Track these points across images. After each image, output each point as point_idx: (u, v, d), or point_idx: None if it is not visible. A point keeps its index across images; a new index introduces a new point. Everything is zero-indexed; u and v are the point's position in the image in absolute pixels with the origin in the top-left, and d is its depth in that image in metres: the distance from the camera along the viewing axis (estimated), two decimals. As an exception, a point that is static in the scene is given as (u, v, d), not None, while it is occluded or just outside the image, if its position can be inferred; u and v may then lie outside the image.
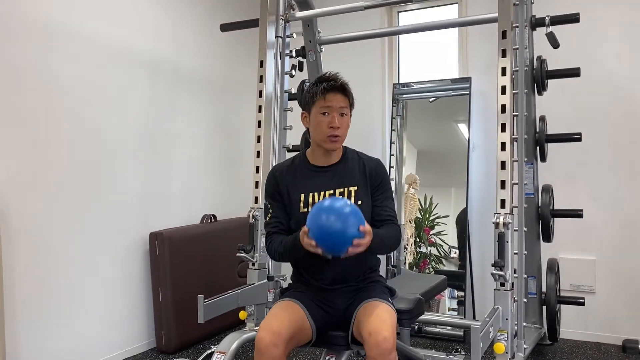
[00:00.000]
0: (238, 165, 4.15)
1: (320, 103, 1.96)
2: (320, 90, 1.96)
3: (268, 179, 2.11)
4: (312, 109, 1.99)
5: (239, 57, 4.16)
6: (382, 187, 2.07)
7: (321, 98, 1.95)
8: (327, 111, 1.95)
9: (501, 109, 2.37)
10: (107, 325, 3.13)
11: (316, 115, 1.98)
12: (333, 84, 1.97)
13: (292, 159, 2.13)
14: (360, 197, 2.01)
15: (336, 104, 1.96)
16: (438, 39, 4.01)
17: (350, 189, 2.01)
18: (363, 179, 2.03)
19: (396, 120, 3.99)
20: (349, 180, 2.02)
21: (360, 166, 2.06)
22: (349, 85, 2.02)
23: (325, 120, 1.95)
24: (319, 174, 2.04)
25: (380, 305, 1.92)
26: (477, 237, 3.65)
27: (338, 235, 1.75)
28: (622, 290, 3.32)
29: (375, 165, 2.07)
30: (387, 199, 2.06)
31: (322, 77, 2.02)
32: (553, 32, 2.65)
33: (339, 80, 1.99)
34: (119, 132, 3.21)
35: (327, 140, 1.97)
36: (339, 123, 1.95)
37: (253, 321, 2.71)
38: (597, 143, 3.33)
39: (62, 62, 2.88)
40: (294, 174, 2.06)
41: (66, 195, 2.90)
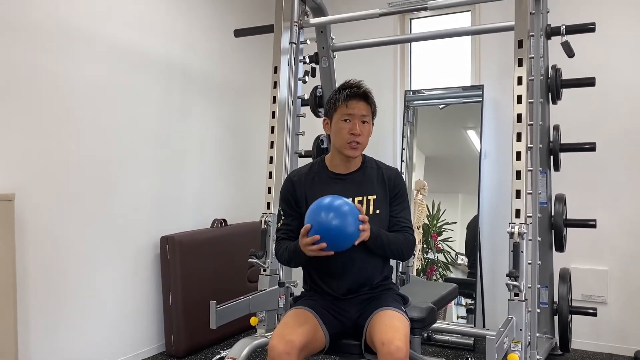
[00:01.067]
0: (250, 170, 4.15)
1: (342, 110, 1.96)
2: (342, 96, 1.96)
3: (285, 184, 2.10)
4: (334, 116, 1.99)
5: (252, 62, 4.17)
6: (400, 198, 2.06)
7: (343, 105, 1.96)
8: (348, 118, 1.96)
9: (517, 118, 2.35)
10: (117, 328, 3.14)
11: (338, 122, 1.98)
12: (356, 91, 1.97)
13: (311, 165, 2.12)
14: (378, 207, 2.00)
15: (358, 112, 1.96)
16: (450, 47, 4.01)
17: (369, 198, 2.01)
18: (382, 188, 2.03)
19: (407, 126, 3.99)
20: (367, 189, 2.02)
21: (379, 175, 2.06)
22: (372, 94, 2.03)
23: (346, 127, 1.95)
24: (338, 182, 2.03)
25: (393, 314, 1.91)
26: (487, 245, 3.64)
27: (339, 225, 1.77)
28: (634, 301, 3.29)
29: (394, 175, 2.08)
30: (404, 209, 2.06)
31: (346, 83, 2.02)
32: (568, 41, 2.64)
33: (362, 88, 1.99)
34: (132, 134, 3.23)
35: (347, 146, 1.97)
36: (360, 130, 1.95)
37: (264, 327, 2.71)
38: (610, 153, 3.31)
39: (78, 64, 2.90)
40: (312, 181, 2.05)
41: (79, 198, 2.91)
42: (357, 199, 2.00)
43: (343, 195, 1.97)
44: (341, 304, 2.01)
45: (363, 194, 2.01)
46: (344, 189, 2.00)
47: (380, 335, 1.80)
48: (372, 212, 1.99)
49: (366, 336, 1.94)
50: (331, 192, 1.97)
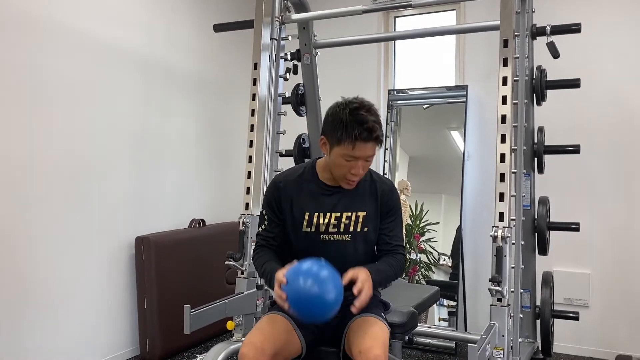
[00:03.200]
0: (229, 169, 4.07)
1: (346, 150, 1.73)
2: (351, 137, 1.70)
3: (270, 188, 1.96)
4: (335, 148, 1.76)
5: (233, 59, 4.08)
6: (393, 214, 1.94)
7: (349, 146, 1.72)
8: (351, 159, 1.76)
9: (501, 119, 2.31)
10: (90, 331, 3.03)
11: (338, 157, 1.77)
12: (367, 136, 1.71)
13: (301, 171, 1.95)
14: (367, 224, 1.90)
15: (365, 154, 1.75)
16: (434, 46, 3.97)
17: (359, 214, 1.89)
18: (373, 204, 1.91)
19: (390, 126, 3.94)
20: (358, 204, 1.89)
21: (372, 189, 1.92)
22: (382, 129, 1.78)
23: (347, 166, 1.77)
24: (327, 195, 1.89)
25: (373, 321, 1.85)
26: (470, 247, 3.61)
27: (316, 302, 1.63)
28: (616, 305, 3.28)
29: (388, 190, 1.94)
30: (396, 227, 1.95)
31: (357, 113, 1.72)
32: (554, 42, 2.60)
33: (375, 132, 1.72)
34: (107, 131, 3.12)
35: (344, 181, 1.83)
36: (362, 170, 1.79)
37: (241, 331, 2.63)
38: (594, 155, 3.29)
39: (51, 59, 2.79)
40: (300, 189, 1.91)
41: (50, 196, 2.80)
42: (346, 214, 1.88)
43: (331, 210, 1.87)
44: None
45: (353, 209, 1.89)
46: (333, 202, 1.89)
47: (358, 343, 1.74)
48: (359, 229, 1.89)
49: (345, 343, 1.87)
50: (319, 205, 1.88)
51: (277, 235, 1.93)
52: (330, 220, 1.87)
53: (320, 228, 1.87)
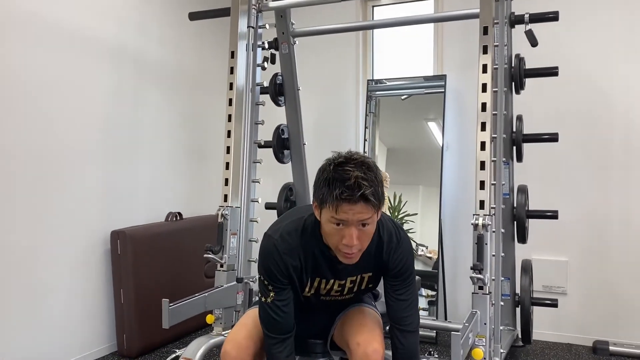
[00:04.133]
0: (206, 160, 4.00)
1: (330, 212, 1.47)
2: (333, 197, 1.44)
3: (270, 258, 1.63)
4: (322, 210, 1.51)
5: (209, 48, 4.01)
6: (403, 275, 1.69)
7: (332, 207, 1.46)
8: (340, 222, 1.48)
9: (481, 107, 2.31)
10: (65, 328, 2.96)
11: (326, 222, 1.52)
12: (349, 195, 1.43)
13: (300, 233, 1.64)
14: (372, 282, 1.75)
15: (354, 217, 1.46)
16: (413, 36, 3.95)
17: (364, 276, 1.71)
18: (379, 263, 1.69)
19: (369, 117, 3.91)
20: (363, 267, 1.68)
21: (378, 248, 1.66)
22: (375, 188, 1.46)
23: (338, 233, 1.50)
24: (334, 262, 1.65)
25: (368, 312, 1.83)
26: (449, 237, 3.61)
27: None
28: (593, 292, 3.32)
29: (394, 249, 1.66)
30: (407, 292, 1.70)
31: (341, 169, 1.46)
32: (532, 30, 2.60)
33: (360, 189, 1.43)
34: (81, 124, 3.03)
35: (340, 254, 1.55)
36: (357, 239, 1.48)
37: (221, 325, 2.60)
38: (570, 143, 3.32)
39: (16, 49, 2.69)
40: (304, 255, 1.64)
41: (20, 191, 2.71)
42: (351, 279, 1.70)
43: (336, 278, 1.68)
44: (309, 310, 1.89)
45: (358, 272, 1.70)
46: (338, 272, 1.69)
47: (356, 335, 1.70)
48: (364, 287, 1.75)
49: (335, 332, 1.85)
50: (324, 271, 1.68)
51: (290, 302, 1.67)
52: (333, 287, 1.72)
53: (321, 291, 1.73)
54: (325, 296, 1.75)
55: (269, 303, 1.65)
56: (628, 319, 3.23)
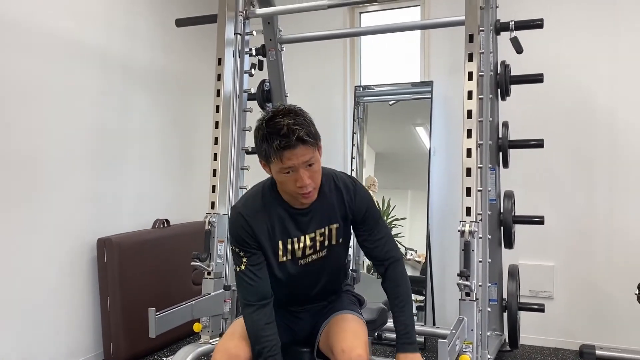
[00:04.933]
0: (194, 167, 3.98)
1: (277, 164, 1.58)
2: (274, 149, 1.55)
3: (238, 223, 1.71)
4: (271, 167, 1.63)
5: (196, 54, 4.00)
6: (370, 217, 1.80)
7: (277, 159, 1.56)
8: (289, 170, 1.58)
9: (467, 114, 2.32)
10: (52, 336, 2.92)
11: (277, 174, 1.63)
12: (286, 142, 1.54)
13: (261, 195, 1.74)
14: (341, 235, 1.80)
15: (298, 161, 1.57)
16: (400, 42, 3.97)
17: (332, 227, 1.77)
18: (343, 213, 1.78)
19: (357, 123, 3.92)
20: (329, 219, 1.76)
21: (338, 197, 1.77)
22: (308, 129, 1.58)
23: (290, 179, 1.60)
24: (297, 217, 1.74)
25: (352, 318, 1.83)
26: (437, 242, 3.63)
27: None
28: (579, 296, 3.35)
29: (353, 195, 1.78)
30: (380, 227, 1.82)
31: (272, 124, 1.57)
32: (517, 37, 2.63)
33: (295, 133, 1.54)
34: (66, 130, 3.00)
35: (299, 197, 1.64)
36: (308, 178, 1.59)
37: (208, 333, 2.58)
38: (557, 150, 3.35)
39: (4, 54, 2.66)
40: (268, 217, 1.72)
41: (4, 198, 2.68)
42: (319, 232, 1.76)
43: (304, 232, 1.74)
44: (295, 312, 1.91)
45: (325, 224, 1.76)
46: (305, 225, 1.75)
47: (340, 341, 1.70)
48: (334, 242, 1.79)
49: (320, 340, 1.85)
50: (292, 230, 1.74)
51: (262, 267, 1.72)
52: (305, 243, 1.75)
53: (296, 254, 1.76)
54: (302, 259, 1.77)
55: (243, 270, 1.71)
56: (614, 323, 3.26)
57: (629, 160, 3.24)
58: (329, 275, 1.86)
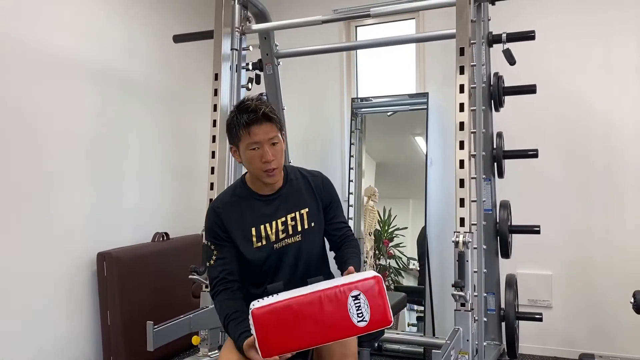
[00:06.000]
0: (192, 180, 4.01)
1: (246, 139, 1.78)
2: (242, 124, 1.76)
3: (209, 217, 1.90)
4: (240, 145, 1.82)
5: (194, 69, 4.04)
6: (334, 203, 2.00)
7: (245, 133, 1.77)
8: (255, 146, 1.78)
9: (459, 126, 2.34)
10: (52, 349, 2.94)
11: (245, 152, 1.80)
12: (254, 116, 1.76)
13: (232, 190, 1.94)
14: (312, 219, 1.92)
15: (264, 136, 1.77)
16: (396, 54, 4.01)
17: (302, 212, 1.91)
18: (312, 199, 1.94)
19: (355, 133, 3.96)
20: (298, 203, 1.92)
21: (306, 185, 1.96)
22: (272, 109, 1.82)
23: (256, 155, 1.79)
24: (266, 204, 1.89)
25: None
26: (435, 252, 3.64)
27: None
28: (578, 305, 3.35)
29: (320, 182, 1.98)
30: (340, 214, 2.02)
31: (242, 106, 1.81)
32: (510, 49, 2.66)
33: (261, 109, 1.77)
34: (66, 145, 3.05)
35: (264, 175, 1.82)
36: (272, 155, 1.79)
37: (207, 346, 2.59)
38: (552, 158, 3.37)
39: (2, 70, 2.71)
40: (239, 207, 1.88)
41: (5, 213, 2.71)
42: (290, 216, 1.89)
43: (275, 217, 1.87)
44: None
45: (295, 209, 1.91)
46: (275, 210, 1.89)
47: (330, 353, 1.75)
48: (307, 226, 1.90)
49: (314, 351, 1.86)
50: (262, 216, 1.87)
51: (230, 259, 1.85)
52: (277, 227, 1.87)
53: (270, 238, 1.87)
54: (277, 242, 1.87)
55: (212, 265, 1.85)
56: (613, 332, 3.26)
57: (624, 168, 3.26)
58: (307, 262, 1.91)
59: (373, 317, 1.54)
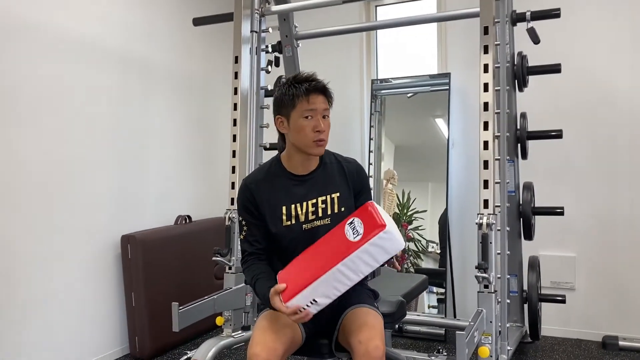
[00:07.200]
0: (213, 164, 4.04)
1: (303, 106, 1.80)
2: (302, 91, 1.80)
3: (242, 193, 1.93)
4: (292, 113, 1.82)
5: (215, 53, 4.05)
6: (366, 190, 2.00)
7: (304, 100, 1.80)
8: (310, 114, 1.80)
9: (483, 106, 2.32)
10: (78, 331, 3.01)
11: (298, 119, 1.81)
12: (315, 85, 1.82)
13: (267, 168, 1.96)
14: (343, 204, 1.91)
15: (320, 106, 1.82)
16: (417, 34, 3.96)
17: (333, 196, 1.91)
18: (344, 184, 1.94)
19: (375, 116, 3.93)
20: (330, 187, 1.92)
21: (340, 170, 1.96)
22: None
23: (310, 124, 1.80)
24: (299, 184, 1.91)
25: (368, 312, 1.87)
26: (457, 234, 3.62)
27: None
28: (601, 287, 3.32)
29: (355, 170, 1.98)
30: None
31: (299, 77, 1.85)
32: (534, 28, 2.61)
33: (321, 81, 1.85)
34: (88, 130, 3.08)
35: (313, 145, 1.83)
36: (324, 126, 1.82)
37: (230, 327, 2.63)
38: (576, 139, 3.32)
39: (25, 58, 2.73)
40: (272, 185, 1.90)
41: (31, 199, 2.76)
42: (321, 199, 1.89)
43: (306, 198, 1.89)
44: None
45: (326, 192, 1.91)
46: (306, 190, 1.90)
47: (357, 333, 1.75)
48: (337, 210, 1.90)
49: (339, 334, 1.88)
50: (294, 196, 1.88)
51: (260, 237, 1.90)
52: (308, 208, 1.88)
53: (300, 218, 1.87)
54: (306, 223, 1.88)
55: (243, 239, 1.92)
56: (637, 314, 3.23)
57: (651, 149, 3.19)
58: None
59: (366, 229, 1.62)
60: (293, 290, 1.65)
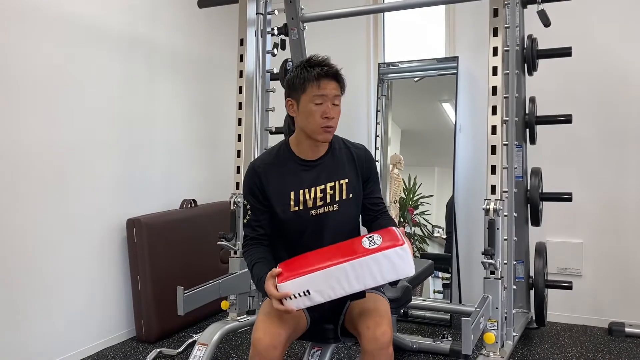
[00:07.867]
0: (219, 148, 4.02)
1: (313, 90, 1.77)
2: (313, 75, 1.76)
3: (249, 176, 1.90)
4: (302, 97, 1.79)
5: (220, 36, 4.00)
6: (374, 178, 1.98)
7: (315, 85, 1.77)
8: (321, 100, 1.77)
9: (492, 90, 2.29)
10: (84, 315, 3.03)
11: (307, 104, 1.79)
12: (328, 70, 1.79)
13: (275, 152, 1.93)
14: (351, 190, 1.90)
15: (330, 92, 1.78)
16: (424, 17, 3.90)
17: (342, 182, 1.88)
18: (353, 170, 1.92)
19: (381, 100, 3.89)
20: (339, 173, 1.89)
21: (348, 156, 1.93)
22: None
23: (319, 110, 1.77)
24: (308, 170, 1.88)
25: (375, 297, 1.87)
26: (463, 219, 3.60)
27: None
28: (608, 273, 3.30)
29: (363, 156, 1.96)
30: (377, 190, 2.00)
31: (312, 60, 1.82)
32: (544, 10, 2.56)
33: (334, 66, 1.81)
34: (93, 114, 3.06)
35: (320, 131, 1.80)
36: (333, 113, 1.79)
37: (235, 311, 2.65)
38: (585, 125, 3.27)
39: (28, 41, 2.71)
40: (280, 170, 1.88)
41: (38, 183, 2.76)
42: (330, 185, 1.87)
43: (315, 184, 1.87)
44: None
45: (335, 178, 1.88)
46: (315, 176, 1.87)
47: (365, 319, 1.75)
48: (345, 196, 1.88)
49: (345, 319, 1.88)
50: (302, 181, 1.86)
51: (264, 223, 1.88)
52: (316, 194, 1.86)
53: (307, 204, 1.85)
54: (314, 209, 1.86)
55: (246, 223, 1.90)
56: (644, 300, 3.21)
57: (662, 134, 3.15)
58: (341, 231, 1.88)
59: (384, 242, 1.62)
60: (290, 274, 1.63)
